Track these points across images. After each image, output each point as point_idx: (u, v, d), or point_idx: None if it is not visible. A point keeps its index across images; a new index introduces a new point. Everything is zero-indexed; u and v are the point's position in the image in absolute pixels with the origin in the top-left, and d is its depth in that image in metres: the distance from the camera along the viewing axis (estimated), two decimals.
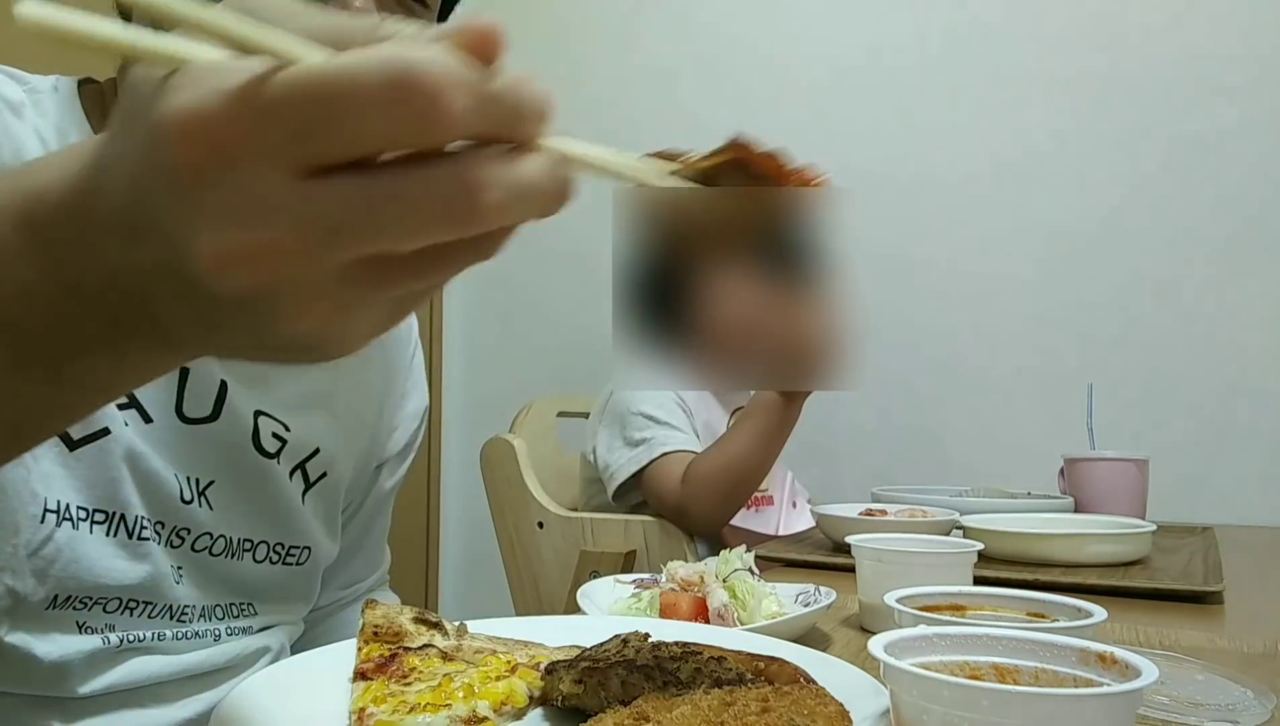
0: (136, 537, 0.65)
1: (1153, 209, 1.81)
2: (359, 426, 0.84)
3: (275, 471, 0.75)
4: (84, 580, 0.62)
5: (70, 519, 0.62)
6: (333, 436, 0.80)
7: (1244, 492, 1.71)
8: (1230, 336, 1.75)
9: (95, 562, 0.63)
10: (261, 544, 0.75)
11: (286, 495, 0.76)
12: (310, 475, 0.79)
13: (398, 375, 0.90)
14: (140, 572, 0.65)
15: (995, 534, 1.08)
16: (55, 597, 0.62)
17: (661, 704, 0.42)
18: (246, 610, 0.75)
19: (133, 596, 0.66)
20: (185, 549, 0.69)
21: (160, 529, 0.67)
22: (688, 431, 1.49)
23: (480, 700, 0.48)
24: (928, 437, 1.95)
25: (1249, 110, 1.75)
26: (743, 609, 0.74)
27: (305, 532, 0.78)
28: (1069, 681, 0.42)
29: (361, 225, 0.27)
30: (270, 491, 0.74)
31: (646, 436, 1.46)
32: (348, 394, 0.83)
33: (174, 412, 0.68)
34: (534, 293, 2.39)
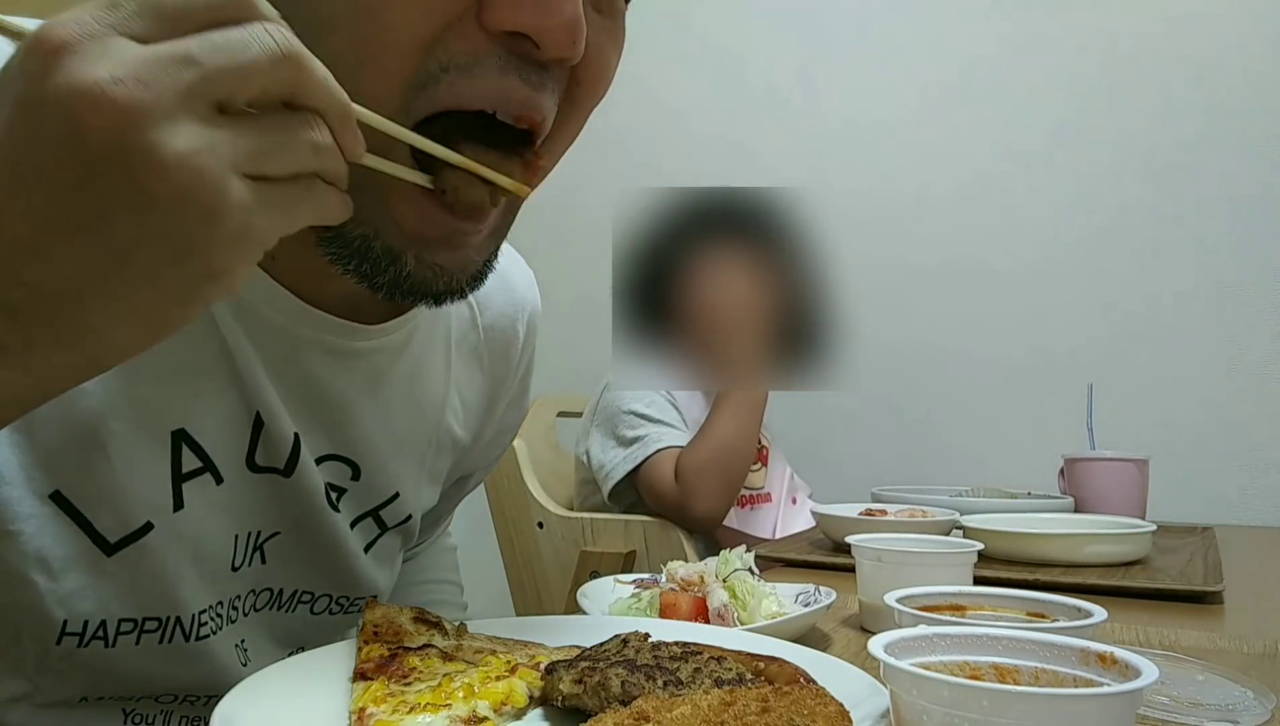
0: (194, 638, 0.57)
1: (1153, 209, 1.81)
2: (447, 452, 0.76)
3: (334, 520, 0.65)
4: (123, 683, 0.55)
5: (103, 637, 0.53)
6: (414, 479, 0.72)
7: (1244, 492, 1.71)
8: (1230, 336, 1.75)
9: (144, 673, 0.56)
10: (323, 596, 0.68)
11: (346, 545, 0.67)
12: (386, 522, 0.71)
13: (504, 393, 0.83)
14: (199, 671, 0.58)
15: (995, 534, 1.08)
16: (84, 698, 0.56)
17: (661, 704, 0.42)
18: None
19: (190, 692, 0.59)
20: (240, 621, 0.62)
21: (220, 611, 0.59)
22: (679, 427, 1.49)
23: (480, 700, 0.48)
24: (928, 437, 1.95)
25: (1250, 110, 1.75)
26: (743, 609, 0.74)
27: (367, 580, 0.70)
28: (1069, 681, 0.42)
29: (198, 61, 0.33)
30: (331, 545, 0.66)
31: (639, 434, 1.47)
32: (446, 430, 0.74)
33: (244, 464, 0.59)
34: None
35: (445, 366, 0.73)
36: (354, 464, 0.66)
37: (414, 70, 0.46)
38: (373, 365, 0.64)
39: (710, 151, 2.19)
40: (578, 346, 2.32)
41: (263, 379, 0.57)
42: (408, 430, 0.69)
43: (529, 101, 0.49)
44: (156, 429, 0.54)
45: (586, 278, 2.33)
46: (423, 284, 0.51)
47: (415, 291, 0.51)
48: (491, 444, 0.84)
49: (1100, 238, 1.85)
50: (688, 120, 2.23)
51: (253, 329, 0.56)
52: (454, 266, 0.52)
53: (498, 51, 0.46)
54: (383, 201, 0.48)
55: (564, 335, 2.38)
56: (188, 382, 0.55)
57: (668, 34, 2.26)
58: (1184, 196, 1.79)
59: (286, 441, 0.60)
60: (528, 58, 0.47)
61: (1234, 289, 1.75)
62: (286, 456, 0.60)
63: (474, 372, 0.77)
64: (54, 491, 0.50)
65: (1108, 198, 1.85)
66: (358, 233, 0.49)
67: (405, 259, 0.50)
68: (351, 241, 0.49)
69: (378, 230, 0.49)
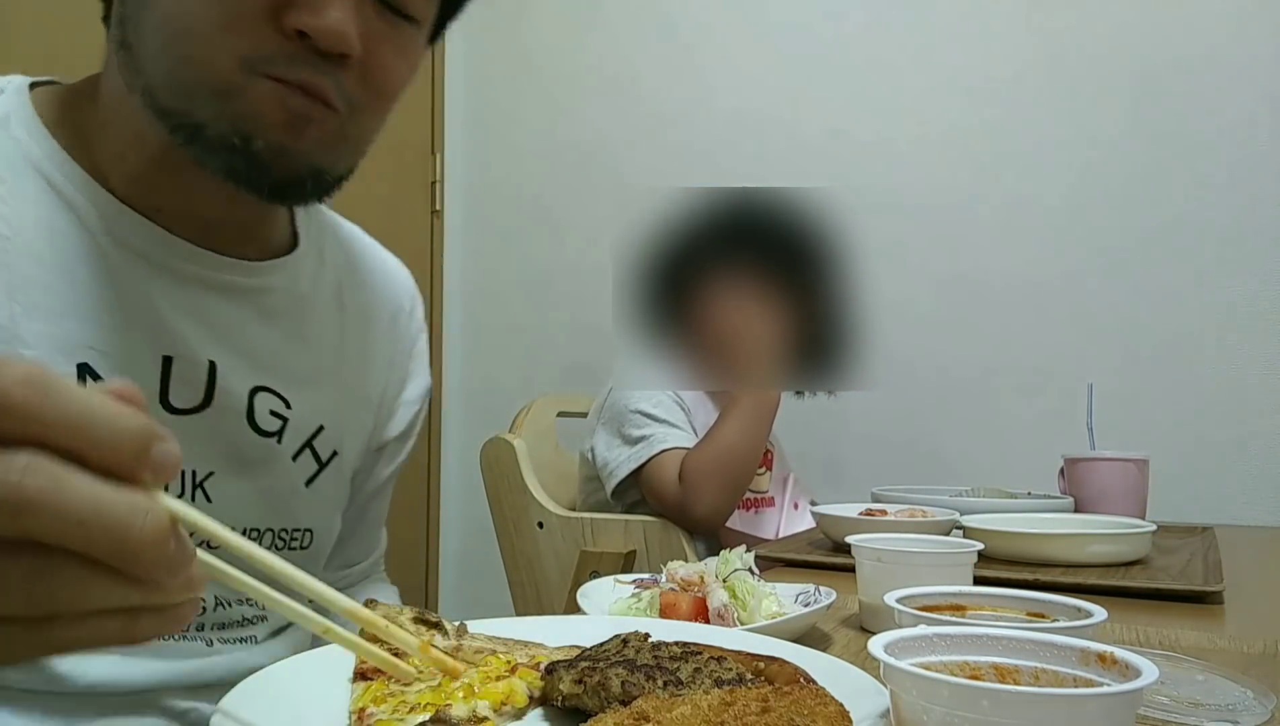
0: None
1: (1154, 209, 1.81)
2: (363, 405, 0.84)
3: (276, 452, 0.73)
4: None
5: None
6: (336, 414, 0.79)
7: (1244, 492, 1.71)
8: (1230, 336, 1.75)
9: None
10: (267, 532, 0.73)
11: (289, 478, 0.74)
12: (321, 455, 0.77)
13: (400, 357, 0.89)
14: None
15: (995, 534, 1.08)
16: None
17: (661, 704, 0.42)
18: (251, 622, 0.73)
19: None
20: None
21: None
22: (686, 429, 1.49)
23: (480, 700, 0.48)
24: (928, 437, 1.95)
25: (1251, 111, 1.75)
26: (743, 609, 0.74)
27: (307, 515, 0.77)
28: (1069, 681, 0.42)
29: None
30: (271, 474, 0.73)
31: (645, 434, 1.46)
32: (351, 372, 0.82)
33: (159, 405, 0.66)
34: (534, 293, 2.39)
35: (337, 312, 0.81)
36: (281, 395, 0.73)
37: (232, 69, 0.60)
38: (269, 301, 0.74)
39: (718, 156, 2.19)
40: (578, 347, 2.33)
41: (169, 318, 0.66)
42: (316, 367, 0.77)
43: (319, 84, 0.62)
44: (61, 361, 0.61)
45: (587, 279, 2.34)
46: (275, 165, 0.62)
47: (269, 173, 0.62)
48: (396, 416, 0.89)
49: (1101, 238, 1.85)
50: (694, 124, 2.23)
51: (153, 272, 0.66)
52: (299, 148, 0.63)
53: (295, 48, 0.60)
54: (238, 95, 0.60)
55: (564, 336, 2.38)
56: (92, 320, 0.62)
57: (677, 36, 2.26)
58: (1185, 197, 1.79)
59: (201, 371, 0.68)
60: (312, 51, 0.61)
61: (1235, 289, 1.75)
62: (203, 389, 0.68)
63: (364, 327, 0.84)
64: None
65: (1108, 199, 1.85)
66: (216, 131, 0.61)
67: (255, 142, 0.61)
68: (211, 139, 0.61)
69: (233, 124, 0.60)
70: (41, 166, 0.64)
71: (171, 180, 0.66)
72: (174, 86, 0.61)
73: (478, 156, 2.50)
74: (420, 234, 2.41)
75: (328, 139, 0.65)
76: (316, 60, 0.61)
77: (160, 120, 0.62)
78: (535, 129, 2.44)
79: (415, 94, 2.49)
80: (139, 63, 0.62)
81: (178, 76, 0.61)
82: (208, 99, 0.60)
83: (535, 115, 2.44)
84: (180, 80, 0.61)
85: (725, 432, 1.40)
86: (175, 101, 0.61)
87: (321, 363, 0.78)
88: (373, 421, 0.86)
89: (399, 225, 2.33)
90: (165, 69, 0.61)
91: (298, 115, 0.62)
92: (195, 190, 0.66)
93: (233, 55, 0.59)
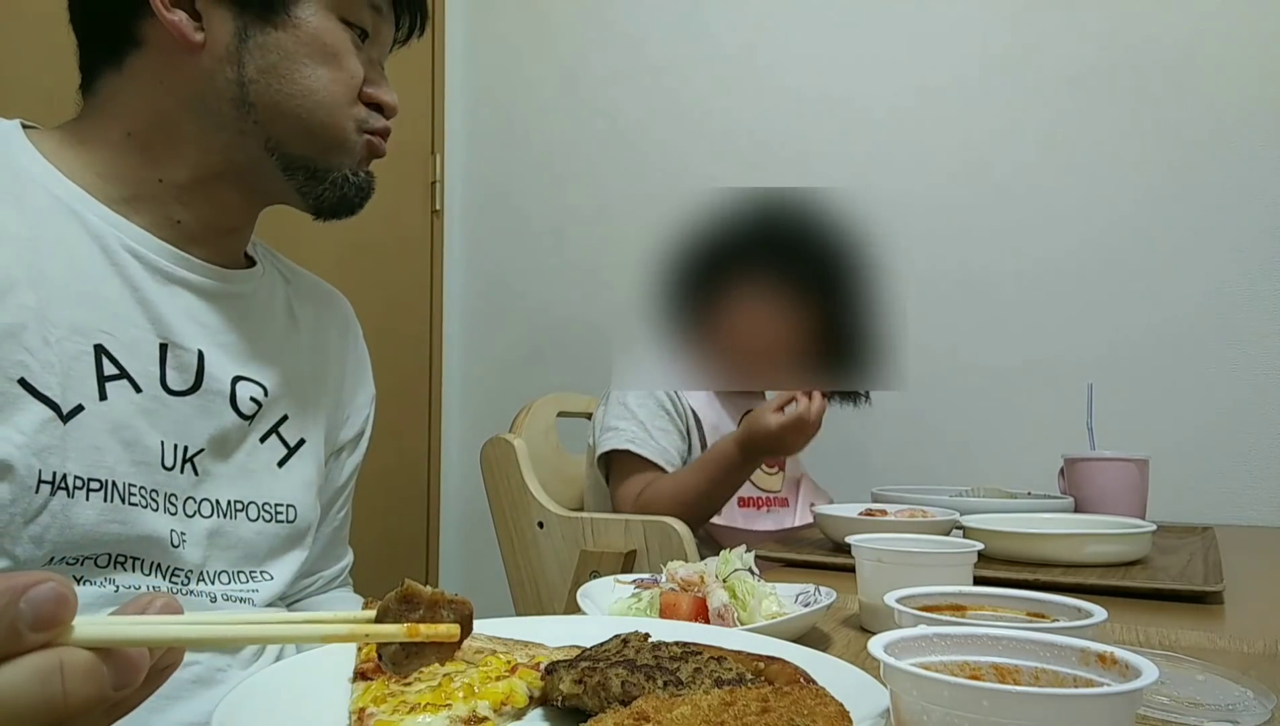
0: (125, 503, 0.72)
1: (1153, 209, 1.81)
2: (321, 405, 0.95)
3: (248, 433, 0.84)
4: (77, 542, 0.70)
5: (65, 488, 0.69)
6: (299, 408, 0.90)
7: (1244, 492, 1.71)
8: (1230, 336, 1.75)
9: (90, 528, 0.70)
10: (251, 504, 0.84)
11: (261, 458, 0.85)
12: (288, 440, 0.89)
13: (350, 366, 1.01)
14: (130, 533, 0.73)
15: (995, 534, 1.08)
16: (52, 558, 0.69)
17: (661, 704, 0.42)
18: (253, 576, 0.83)
19: (122, 552, 0.73)
20: (180, 515, 0.77)
21: (147, 494, 0.74)
22: (662, 433, 1.49)
23: (480, 700, 0.48)
24: (928, 437, 1.95)
25: (1255, 114, 1.75)
26: (743, 609, 0.74)
27: (286, 492, 0.87)
28: (1069, 681, 0.42)
29: None
30: (245, 453, 0.84)
31: (617, 425, 1.49)
32: (310, 375, 0.94)
33: (159, 385, 0.77)
34: (535, 293, 2.39)
35: (291, 322, 0.94)
36: (260, 383, 0.85)
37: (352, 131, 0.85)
38: (242, 304, 0.86)
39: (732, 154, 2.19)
40: (578, 347, 2.33)
41: (163, 311, 0.78)
42: (281, 366, 0.88)
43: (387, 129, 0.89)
44: (81, 340, 0.72)
45: (587, 279, 2.34)
46: (368, 186, 0.87)
47: (365, 192, 0.87)
48: (350, 419, 1.01)
49: (1101, 238, 1.85)
50: (708, 121, 2.23)
51: (147, 272, 0.78)
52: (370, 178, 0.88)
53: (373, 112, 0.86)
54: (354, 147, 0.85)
55: (564, 336, 2.38)
56: (102, 309, 0.74)
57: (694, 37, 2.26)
58: (1186, 198, 1.79)
59: (192, 358, 0.79)
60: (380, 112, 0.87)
61: (1234, 289, 1.75)
62: (194, 374, 0.79)
63: (316, 338, 0.97)
64: (20, 378, 0.67)
65: (1109, 199, 1.85)
66: (339, 173, 0.84)
67: (359, 174, 0.86)
68: (333, 177, 0.84)
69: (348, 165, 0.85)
70: (46, 184, 0.75)
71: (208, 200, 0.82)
72: (310, 141, 0.81)
73: (478, 156, 2.50)
74: (420, 234, 2.41)
75: None
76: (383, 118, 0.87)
77: (278, 161, 0.82)
78: (535, 129, 2.43)
79: (415, 94, 2.50)
80: (263, 116, 0.79)
81: (313, 133, 0.81)
82: (333, 150, 0.83)
83: (535, 116, 2.44)
84: (317, 138, 0.81)
85: (689, 479, 1.43)
86: (306, 150, 0.82)
87: (284, 362, 0.89)
88: (329, 421, 0.96)
89: (399, 225, 2.33)
90: (303, 128, 0.81)
91: (379, 155, 0.88)
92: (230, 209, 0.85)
93: (352, 120, 0.83)
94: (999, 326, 1.91)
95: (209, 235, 0.84)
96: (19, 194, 0.73)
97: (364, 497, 1.09)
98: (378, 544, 2.15)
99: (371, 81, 0.85)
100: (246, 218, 0.88)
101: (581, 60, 2.37)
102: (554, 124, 2.41)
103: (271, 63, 0.78)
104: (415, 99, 2.35)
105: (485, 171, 2.49)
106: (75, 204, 0.75)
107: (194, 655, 0.75)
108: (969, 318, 1.94)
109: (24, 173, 0.74)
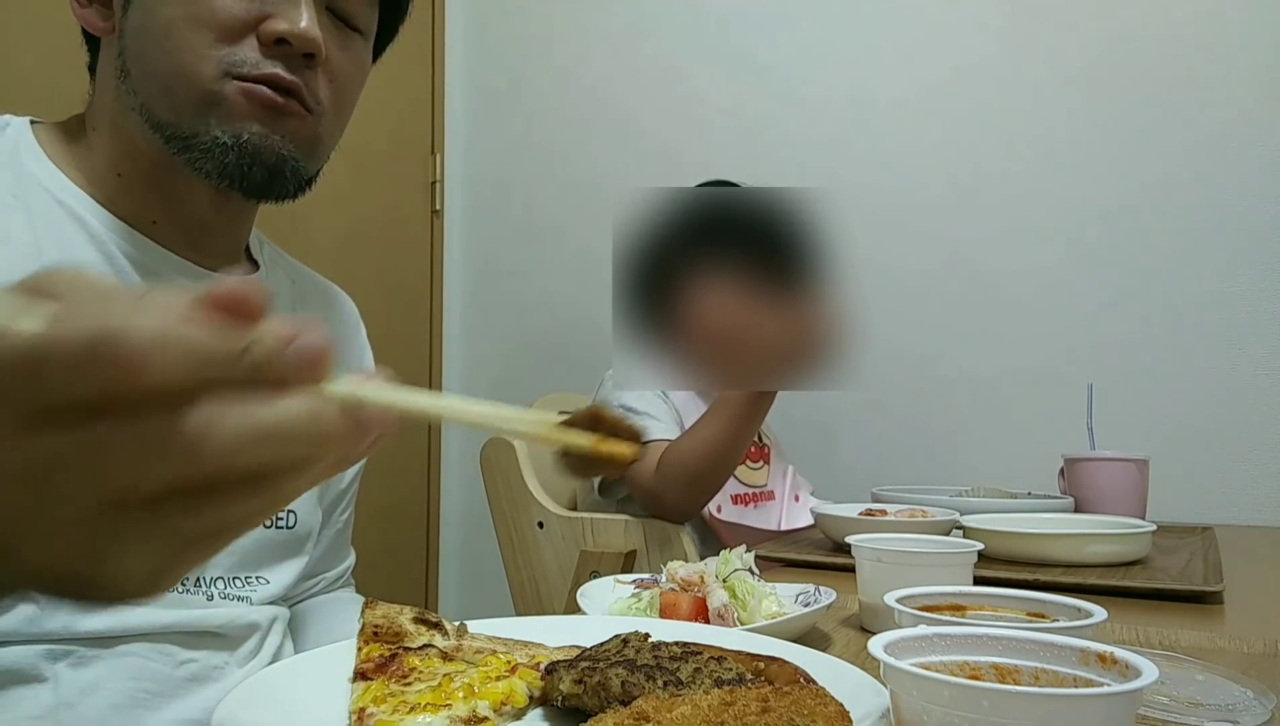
0: None
1: (1153, 210, 1.81)
2: None
3: None
4: None
5: None
6: None
7: (1244, 492, 1.71)
8: (1230, 336, 1.75)
9: None
10: None
11: None
12: None
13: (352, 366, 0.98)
14: None
15: (995, 534, 1.08)
16: None
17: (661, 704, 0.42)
18: (249, 581, 0.81)
19: None
20: None
21: None
22: (667, 421, 1.49)
23: (480, 700, 0.48)
24: (928, 437, 1.94)
25: (1254, 114, 1.75)
26: (743, 609, 0.74)
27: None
28: (1069, 681, 0.42)
29: (74, 468, 0.29)
30: None
31: None
32: None
33: None
34: (535, 293, 2.39)
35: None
36: None
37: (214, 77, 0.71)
38: None
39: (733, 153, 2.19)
40: (578, 347, 2.33)
41: None
42: None
43: (292, 81, 0.74)
44: None
45: (587, 279, 2.34)
46: (263, 153, 0.73)
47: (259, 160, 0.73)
48: None
49: (1101, 237, 1.85)
50: (709, 120, 2.23)
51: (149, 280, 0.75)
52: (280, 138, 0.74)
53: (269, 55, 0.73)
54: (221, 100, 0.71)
55: (564, 336, 2.38)
56: None
57: (695, 35, 2.26)
58: (1186, 197, 1.79)
59: None
60: (283, 57, 0.73)
61: (1234, 289, 1.75)
62: None
63: None
64: None
65: (1108, 198, 1.85)
66: (208, 136, 0.72)
67: (243, 135, 0.72)
68: (205, 144, 0.72)
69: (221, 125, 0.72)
70: (50, 188, 0.74)
71: (162, 193, 0.77)
72: (167, 100, 0.72)
73: (478, 156, 2.50)
74: (420, 234, 2.41)
75: (304, 137, 0.76)
76: (288, 63, 0.73)
77: (156, 132, 0.73)
78: (535, 129, 2.44)
79: (415, 94, 2.50)
80: (136, 84, 0.73)
81: (170, 90, 0.71)
82: (196, 107, 0.71)
83: (535, 115, 2.44)
84: (172, 93, 0.71)
85: (705, 431, 1.40)
86: (169, 114, 0.72)
87: None
88: None
89: (399, 225, 2.33)
90: (159, 85, 0.71)
91: (275, 108, 0.73)
92: (185, 200, 0.78)
93: (216, 65, 0.71)
94: (999, 326, 1.91)
95: (188, 234, 0.79)
96: (24, 197, 0.72)
97: (364, 498, 1.09)
98: (378, 544, 2.15)
99: (272, 14, 0.72)
100: (213, 210, 0.80)
101: (582, 60, 2.37)
102: (554, 124, 2.41)
103: (139, 22, 0.72)
104: (415, 99, 2.35)
105: (485, 171, 2.49)
106: (77, 207, 0.74)
107: (191, 653, 0.75)
108: (968, 317, 1.94)
109: (28, 175, 0.74)
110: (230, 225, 0.84)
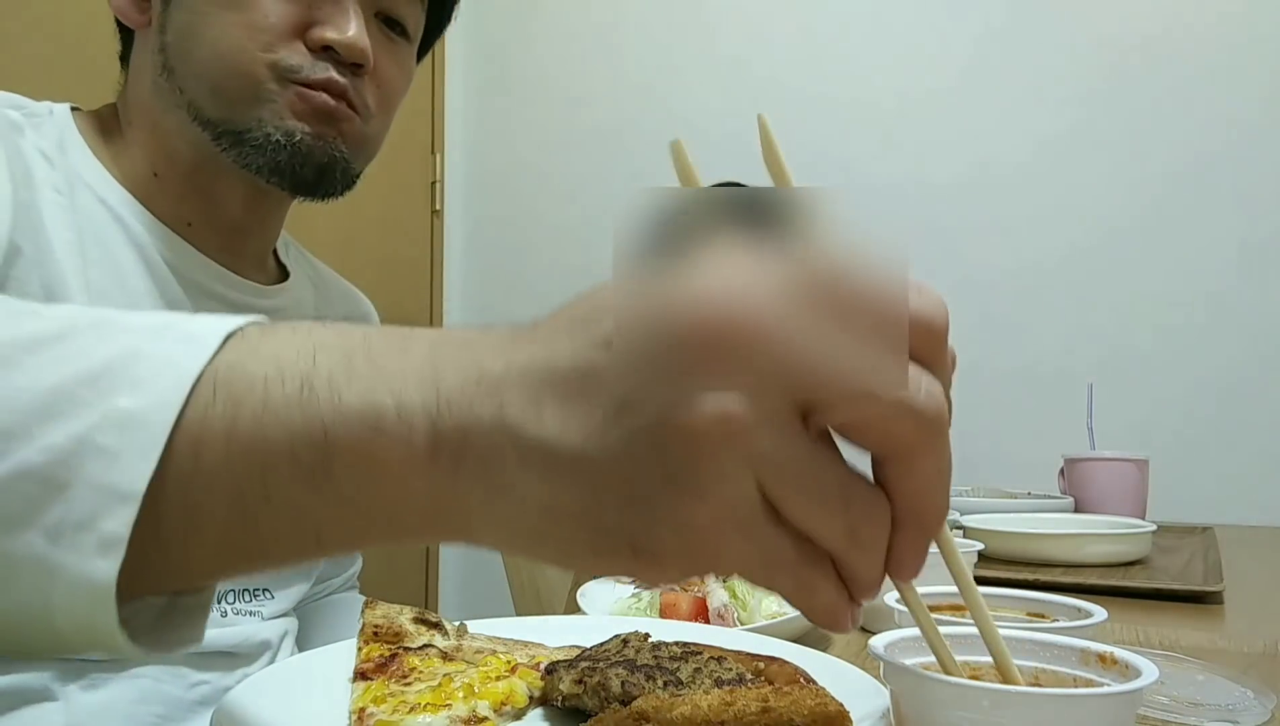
0: None
1: (1153, 210, 1.81)
2: None
3: None
4: None
5: None
6: None
7: (1244, 492, 1.71)
8: (1230, 336, 1.75)
9: None
10: None
11: None
12: None
13: None
14: None
15: (995, 534, 1.07)
16: None
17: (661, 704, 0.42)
18: (256, 595, 0.80)
19: None
20: None
21: None
22: None
23: (480, 700, 0.48)
24: None
25: (1255, 113, 1.75)
26: (743, 609, 0.74)
27: None
28: (1069, 681, 0.42)
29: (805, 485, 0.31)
30: None
31: None
32: None
33: None
34: (535, 293, 2.39)
35: None
36: None
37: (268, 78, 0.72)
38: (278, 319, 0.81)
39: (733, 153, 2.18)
40: None
41: None
42: None
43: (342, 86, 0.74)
44: None
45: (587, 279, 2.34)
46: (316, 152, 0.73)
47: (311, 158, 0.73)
48: None
49: (1101, 237, 1.85)
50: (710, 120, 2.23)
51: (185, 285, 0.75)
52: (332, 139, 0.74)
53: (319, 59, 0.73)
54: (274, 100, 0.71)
55: None
56: None
57: (694, 37, 2.26)
58: (1186, 197, 1.79)
59: None
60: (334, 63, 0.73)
61: (1235, 288, 1.75)
62: None
63: None
64: None
65: (1109, 197, 1.85)
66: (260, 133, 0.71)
67: (296, 135, 0.72)
68: (257, 140, 0.71)
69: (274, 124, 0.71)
70: (94, 186, 0.73)
71: (198, 195, 0.77)
72: (216, 100, 0.72)
73: (478, 156, 2.50)
74: (420, 234, 2.41)
75: (353, 138, 0.76)
76: (339, 69, 0.73)
77: (205, 130, 0.73)
78: (535, 130, 2.44)
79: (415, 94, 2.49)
80: (181, 82, 0.72)
81: (219, 90, 0.71)
82: (249, 104, 0.71)
83: (535, 116, 2.44)
84: (222, 92, 0.71)
85: None
86: (218, 112, 0.72)
87: None
88: None
89: (399, 225, 2.33)
90: (207, 85, 0.71)
91: (326, 112, 0.73)
92: (220, 201, 0.78)
93: (268, 67, 0.71)
94: (998, 326, 1.91)
95: (221, 236, 0.79)
96: (71, 196, 0.71)
97: None
98: None
99: (321, 21, 0.72)
100: (247, 211, 0.80)
101: (582, 60, 2.37)
102: (554, 124, 2.41)
103: (184, 20, 0.72)
104: (415, 99, 2.35)
105: (485, 171, 2.49)
106: (118, 206, 0.73)
107: (202, 675, 0.74)
108: (968, 317, 1.93)
109: (75, 173, 0.72)
110: (262, 226, 0.83)
